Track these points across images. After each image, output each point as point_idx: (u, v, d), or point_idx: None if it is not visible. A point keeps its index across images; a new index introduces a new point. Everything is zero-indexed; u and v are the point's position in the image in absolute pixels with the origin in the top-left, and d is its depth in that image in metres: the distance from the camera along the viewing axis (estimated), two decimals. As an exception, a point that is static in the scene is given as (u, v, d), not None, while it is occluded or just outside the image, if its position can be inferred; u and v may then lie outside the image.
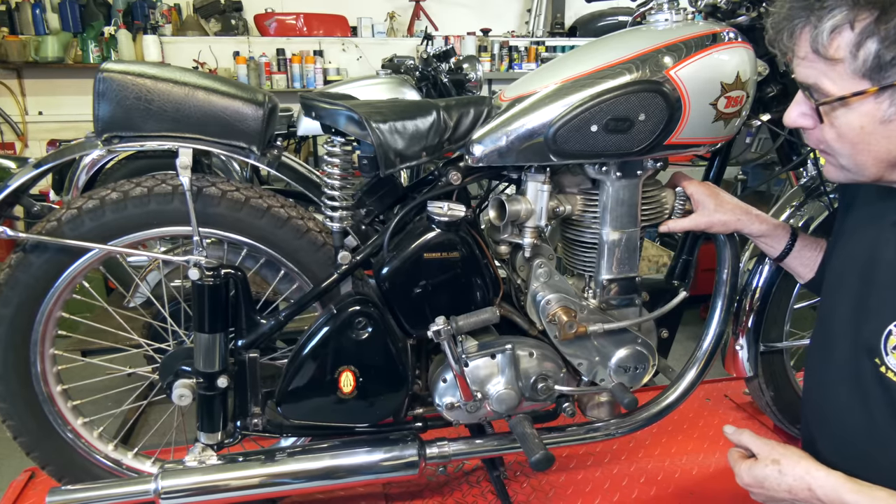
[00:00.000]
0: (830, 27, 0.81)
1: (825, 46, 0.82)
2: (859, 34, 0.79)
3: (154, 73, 1.17)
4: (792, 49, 0.88)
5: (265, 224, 1.24)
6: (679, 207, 1.34)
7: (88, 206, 1.18)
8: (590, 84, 1.18)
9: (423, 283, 1.23)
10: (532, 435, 1.25)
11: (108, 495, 1.20)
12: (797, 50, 0.87)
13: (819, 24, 0.82)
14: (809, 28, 0.84)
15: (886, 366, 0.91)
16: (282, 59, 4.90)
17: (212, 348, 1.19)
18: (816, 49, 0.83)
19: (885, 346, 0.91)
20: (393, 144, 1.16)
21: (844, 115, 0.85)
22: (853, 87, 0.82)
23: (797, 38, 0.86)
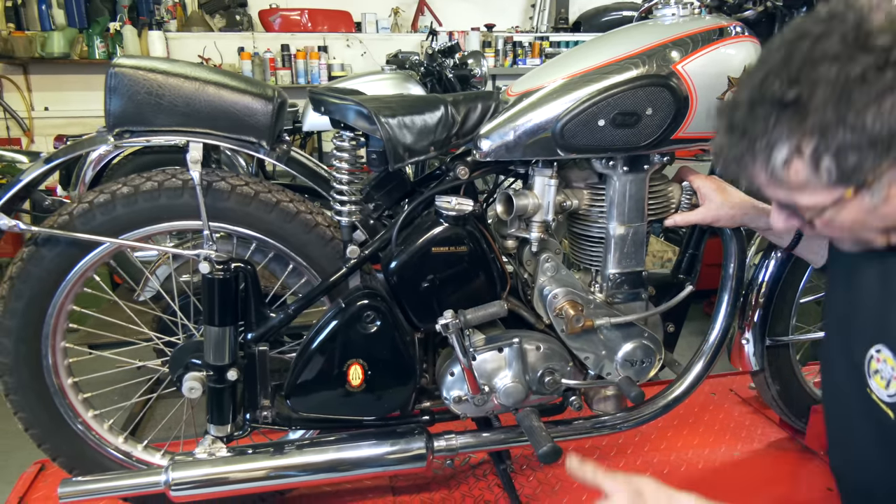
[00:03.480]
0: (781, 162, 0.76)
1: (784, 177, 0.77)
2: (811, 158, 0.74)
3: (165, 68, 1.18)
4: (752, 181, 0.83)
5: (274, 218, 1.25)
6: (685, 202, 1.35)
7: (100, 201, 1.19)
8: (597, 79, 1.18)
9: (430, 276, 1.24)
10: (539, 428, 1.26)
11: (120, 486, 1.21)
12: (757, 180, 0.82)
13: (768, 161, 0.77)
14: (760, 163, 0.78)
15: (870, 388, 0.91)
16: (286, 55, 4.90)
17: (222, 341, 1.20)
18: (777, 179, 0.79)
19: (868, 370, 0.91)
20: (401, 139, 1.17)
21: (832, 216, 0.81)
22: (829, 196, 0.77)
23: (752, 174, 0.81)
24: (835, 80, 0.70)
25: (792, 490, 1.59)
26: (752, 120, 0.76)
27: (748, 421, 1.85)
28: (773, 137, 0.75)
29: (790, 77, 0.72)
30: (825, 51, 0.71)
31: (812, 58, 0.72)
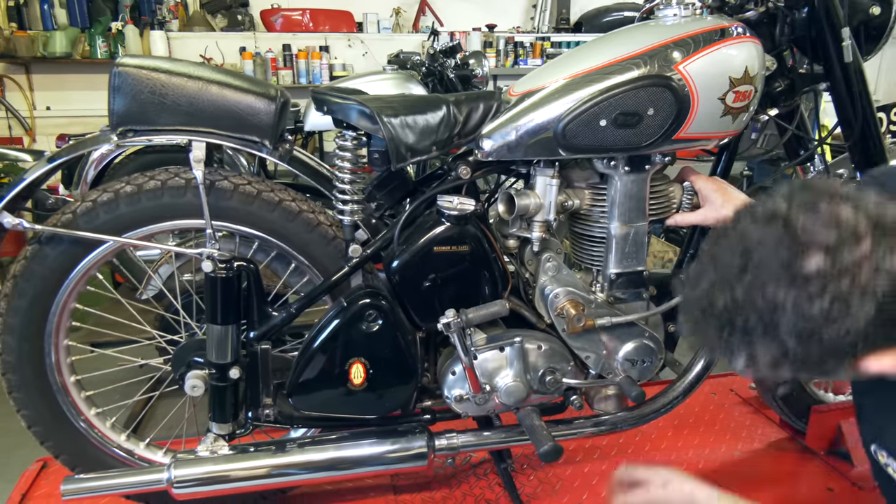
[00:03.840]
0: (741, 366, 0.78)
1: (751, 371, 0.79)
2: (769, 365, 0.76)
3: (168, 67, 1.18)
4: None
5: (277, 217, 1.25)
6: (687, 202, 1.35)
7: (103, 199, 1.19)
8: (599, 79, 1.19)
9: (432, 276, 1.24)
10: (540, 427, 1.26)
11: (122, 484, 1.22)
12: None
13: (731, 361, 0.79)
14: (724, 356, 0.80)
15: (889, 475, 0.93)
16: (288, 55, 4.89)
17: (224, 339, 1.20)
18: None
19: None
20: (404, 139, 1.17)
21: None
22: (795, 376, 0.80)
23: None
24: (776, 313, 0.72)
25: (792, 490, 1.59)
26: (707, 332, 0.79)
27: (748, 421, 1.86)
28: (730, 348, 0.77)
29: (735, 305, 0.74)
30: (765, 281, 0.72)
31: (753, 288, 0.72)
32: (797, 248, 0.70)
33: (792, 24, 1.31)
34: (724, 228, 0.80)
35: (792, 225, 0.71)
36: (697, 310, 0.80)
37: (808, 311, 0.70)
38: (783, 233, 0.71)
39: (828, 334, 0.71)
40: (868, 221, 0.70)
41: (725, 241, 0.77)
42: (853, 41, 1.25)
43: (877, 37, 1.35)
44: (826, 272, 0.69)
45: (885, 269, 0.69)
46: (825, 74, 1.34)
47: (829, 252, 0.69)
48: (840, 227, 0.70)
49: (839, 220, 0.70)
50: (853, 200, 0.72)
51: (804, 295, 0.70)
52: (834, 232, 0.70)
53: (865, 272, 0.69)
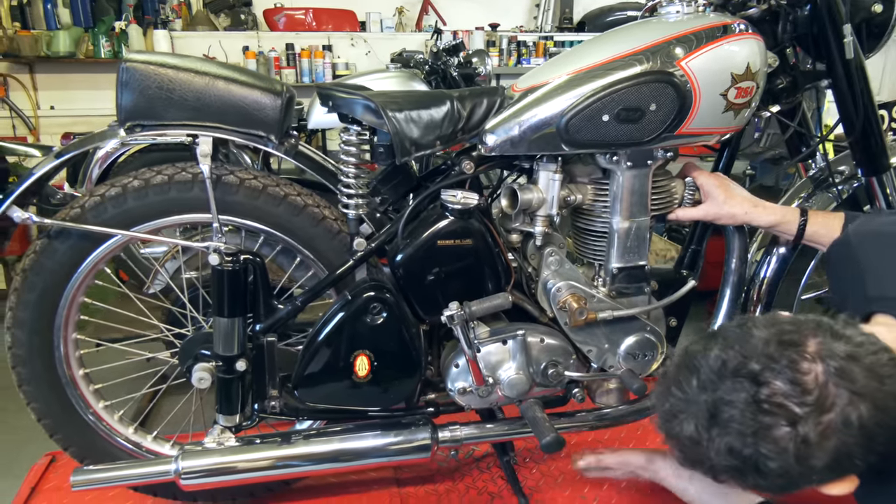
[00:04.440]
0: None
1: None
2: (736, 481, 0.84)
3: (175, 63, 1.20)
4: None
5: (282, 212, 1.27)
6: (689, 197, 1.36)
7: (111, 194, 1.21)
8: (602, 74, 1.20)
9: (436, 269, 1.26)
10: (543, 419, 1.27)
11: (131, 475, 1.23)
12: None
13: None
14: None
15: None
16: (291, 54, 4.91)
17: (231, 332, 1.22)
18: None
19: None
20: (408, 133, 1.18)
21: None
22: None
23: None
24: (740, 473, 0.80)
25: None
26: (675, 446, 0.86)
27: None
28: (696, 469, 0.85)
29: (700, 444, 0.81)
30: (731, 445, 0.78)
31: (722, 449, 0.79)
32: (764, 418, 0.76)
33: (794, 22, 1.33)
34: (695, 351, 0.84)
35: (760, 391, 0.76)
36: (665, 428, 0.86)
37: (768, 472, 0.77)
38: (751, 397, 0.76)
39: (786, 486, 0.80)
40: (836, 384, 0.75)
41: (695, 372, 0.82)
42: (854, 38, 1.26)
43: (878, 34, 1.36)
44: (790, 441, 0.75)
45: (842, 433, 0.75)
46: (827, 72, 1.35)
47: (793, 423, 0.75)
48: (806, 395, 0.75)
49: (806, 388, 0.75)
50: (825, 358, 0.76)
51: (767, 460, 0.76)
52: (800, 402, 0.75)
53: (828, 438, 0.75)
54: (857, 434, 0.75)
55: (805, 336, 0.79)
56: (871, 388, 0.76)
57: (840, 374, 0.76)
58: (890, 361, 0.79)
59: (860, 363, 0.77)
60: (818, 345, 0.78)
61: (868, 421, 0.75)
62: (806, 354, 0.77)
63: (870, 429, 0.75)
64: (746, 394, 0.77)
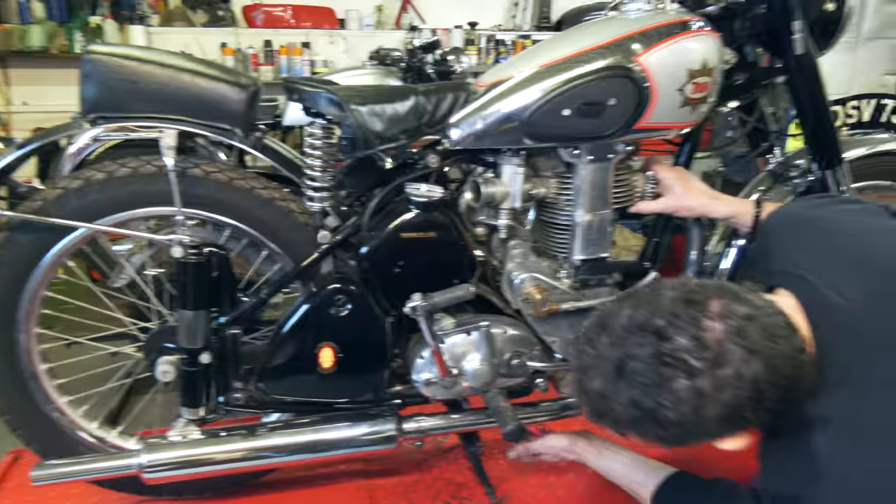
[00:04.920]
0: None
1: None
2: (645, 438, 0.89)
3: (139, 55, 1.20)
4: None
5: (248, 205, 1.27)
6: (649, 191, 1.39)
7: (74, 186, 1.21)
8: (563, 70, 1.22)
9: (400, 261, 1.27)
10: (506, 408, 1.29)
11: (93, 469, 1.23)
12: None
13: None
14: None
15: None
16: (269, 51, 4.89)
17: (195, 325, 1.22)
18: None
19: None
20: (371, 126, 1.20)
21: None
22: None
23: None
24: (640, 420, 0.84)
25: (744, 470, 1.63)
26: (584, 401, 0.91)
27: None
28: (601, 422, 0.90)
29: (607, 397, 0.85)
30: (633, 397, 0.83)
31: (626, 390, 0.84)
32: (665, 370, 0.81)
33: (751, 19, 1.36)
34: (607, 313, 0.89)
35: (663, 345, 0.81)
36: (576, 384, 0.91)
37: (666, 422, 0.82)
38: (654, 351, 0.81)
39: (682, 436, 0.85)
40: (733, 341, 0.80)
41: (605, 330, 0.87)
42: (805, 35, 1.30)
43: (832, 32, 1.40)
44: (686, 394, 0.80)
45: (735, 389, 0.80)
46: (782, 68, 1.39)
47: (691, 376, 0.80)
48: (705, 350, 0.80)
49: (705, 344, 0.80)
50: (725, 318, 0.81)
51: (666, 411, 0.81)
52: (699, 357, 0.80)
53: (719, 393, 0.80)
54: (749, 389, 0.80)
55: (708, 297, 0.84)
56: (764, 348, 0.81)
57: (737, 332, 0.80)
58: (784, 325, 0.85)
59: (756, 324, 0.82)
60: (720, 305, 0.82)
61: (760, 377, 0.80)
62: (708, 313, 0.82)
63: (761, 385, 0.80)
64: (650, 348, 0.82)
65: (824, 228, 1.03)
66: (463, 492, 1.53)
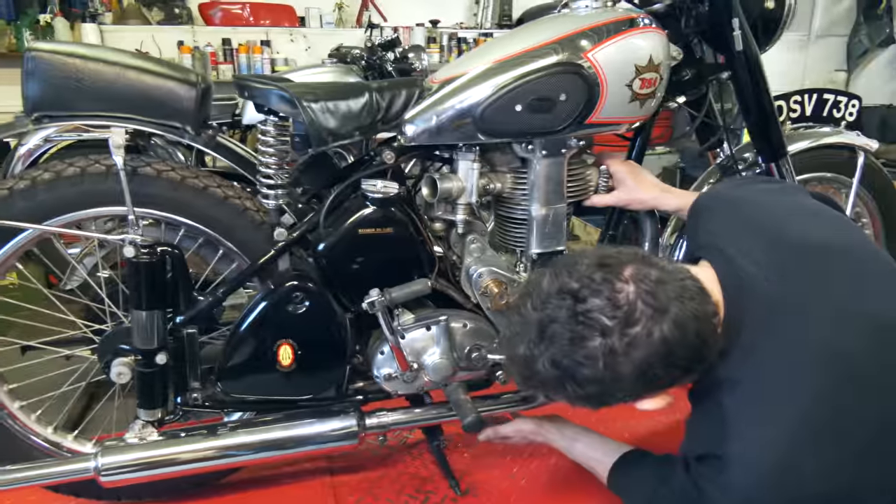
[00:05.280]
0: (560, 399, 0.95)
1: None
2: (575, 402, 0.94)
3: (84, 52, 1.18)
4: None
5: (202, 204, 1.26)
6: (603, 184, 1.42)
7: (20, 187, 1.18)
8: (514, 66, 1.24)
9: (358, 257, 1.28)
10: (465, 401, 1.31)
11: (48, 474, 1.21)
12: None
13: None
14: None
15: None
16: (228, 49, 4.81)
17: (149, 325, 1.20)
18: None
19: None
20: (325, 123, 1.20)
21: None
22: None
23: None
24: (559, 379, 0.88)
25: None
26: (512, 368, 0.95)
27: (672, 392, 1.95)
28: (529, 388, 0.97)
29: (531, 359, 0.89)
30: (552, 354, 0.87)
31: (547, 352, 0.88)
32: (579, 329, 0.85)
33: (696, 17, 1.40)
34: (534, 283, 0.93)
35: (578, 306, 0.86)
36: (504, 352, 0.96)
37: (584, 380, 0.86)
38: (570, 312, 0.86)
39: (601, 395, 0.89)
40: (644, 302, 0.85)
41: (531, 299, 0.91)
42: (745, 32, 1.34)
43: (773, 30, 1.45)
44: (600, 352, 0.85)
45: (646, 346, 0.84)
46: (727, 64, 1.44)
47: (604, 335, 0.85)
48: (616, 310, 0.85)
49: (617, 304, 0.85)
50: (636, 280, 0.87)
51: (583, 369, 0.86)
52: (611, 316, 0.85)
53: (631, 350, 0.84)
54: (659, 348, 0.84)
55: (623, 262, 0.89)
56: (673, 308, 0.85)
57: (648, 294, 0.85)
58: (696, 290, 0.89)
59: (667, 287, 0.87)
60: (632, 269, 0.88)
61: (669, 336, 0.84)
62: (621, 276, 0.87)
63: (671, 344, 0.84)
64: (567, 310, 0.86)
65: (743, 207, 1.10)
66: (427, 485, 1.54)
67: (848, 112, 1.80)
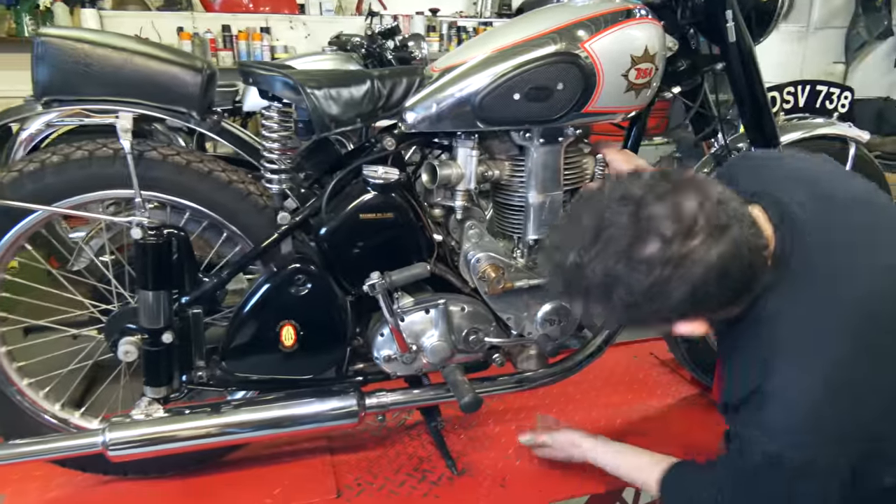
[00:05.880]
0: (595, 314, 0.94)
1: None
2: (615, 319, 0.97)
3: (93, 38, 1.20)
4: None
5: (206, 187, 1.29)
6: (599, 173, 1.46)
7: (29, 169, 1.21)
8: (512, 55, 1.27)
9: (359, 242, 1.31)
10: (462, 381, 1.35)
11: (56, 448, 1.25)
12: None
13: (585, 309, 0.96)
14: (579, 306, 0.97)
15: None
16: (227, 36, 4.82)
17: (156, 305, 1.24)
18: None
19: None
20: (327, 110, 1.23)
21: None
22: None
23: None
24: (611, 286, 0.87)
25: (696, 437, 1.73)
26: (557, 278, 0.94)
27: (664, 380, 2.00)
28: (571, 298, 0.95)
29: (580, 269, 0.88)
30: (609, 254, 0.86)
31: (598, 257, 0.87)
32: (639, 234, 0.84)
33: (691, 8, 1.43)
34: (589, 194, 0.93)
35: (640, 212, 0.85)
36: (551, 262, 0.94)
37: (636, 288, 0.85)
38: (632, 217, 0.85)
39: (648, 307, 0.87)
40: (704, 217, 0.85)
41: (587, 207, 0.90)
42: (738, 23, 1.37)
43: (767, 21, 1.48)
44: (658, 259, 0.84)
45: (703, 262, 0.84)
46: (721, 55, 1.47)
47: (664, 242, 0.83)
48: (679, 221, 0.84)
49: (679, 215, 0.84)
50: (700, 196, 0.86)
51: (636, 274, 0.84)
52: (673, 225, 0.84)
53: (688, 263, 0.84)
54: (714, 265, 0.84)
55: (686, 178, 0.90)
56: (733, 229, 0.86)
57: (710, 211, 0.85)
58: (751, 219, 0.91)
59: (727, 208, 0.87)
60: (696, 185, 0.88)
61: (726, 255, 0.84)
62: (685, 190, 0.87)
63: (726, 264, 0.85)
64: (629, 215, 0.86)
65: (782, 160, 1.15)
66: (425, 465, 1.58)
67: (840, 104, 1.83)
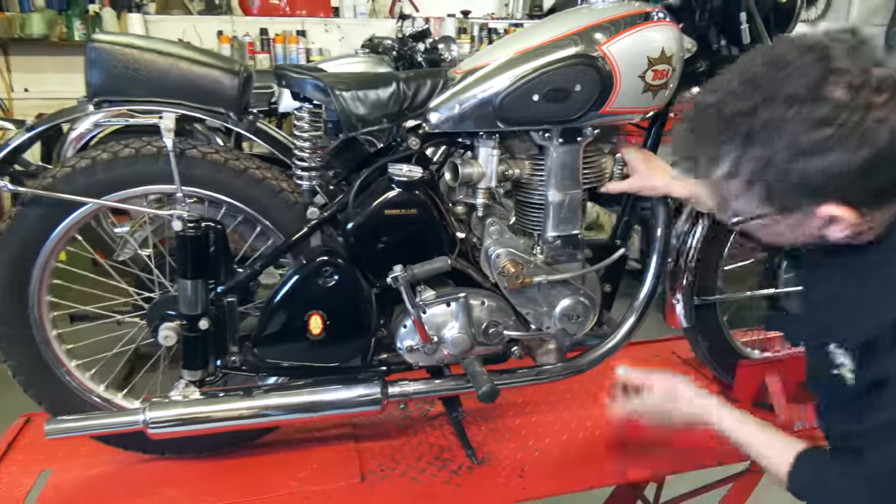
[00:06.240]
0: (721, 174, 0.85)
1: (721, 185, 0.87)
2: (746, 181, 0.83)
3: (141, 44, 1.30)
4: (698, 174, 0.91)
5: (242, 184, 1.37)
6: (617, 172, 1.49)
7: (81, 165, 1.30)
8: (532, 57, 1.32)
9: (383, 236, 1.38)
10: (481, 372, 1.40)
11: (102, 424, 1.34)
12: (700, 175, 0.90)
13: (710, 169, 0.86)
14: (704, 167, 0.87)
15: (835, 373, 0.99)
16: (265, 39, 4.97)
17: (194, 293, 1.32)
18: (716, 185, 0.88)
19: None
20: (355, 110, 1.30)
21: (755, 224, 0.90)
22: (755, 210, 0.87)
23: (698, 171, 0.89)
24: (785, 123, 0.78)
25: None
26: (707, 129, 0.85)
27: (686, 376, 2.01)
28: (720, 152, 0.83)
29: (749, 106, 0.80)
30: (786, 92, 0.78)
31: (773, 95, 0.79)
32: (826, 74, 0.76)
33: (710, 10, 1.46)
34: (762, 47, 0.87)
35: (829, 55, 0.77)
36: (706, 110, 0.84)
37: (808, 135, 0.76)
38: (818, 58, 0.77)
39: (813, 163, 0.77)
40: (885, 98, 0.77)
41: (760, 55, 0.83)
42: (755, 24, 1.39)
43: (786, 22, 1.49)
44: (841, 104, 0.75)
45: (888, 129, 0.76)
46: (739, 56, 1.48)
47: (851, 88, 0.76)
48: (869, 73, 0.77)
49: (869, 68, 0.77)
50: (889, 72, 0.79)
51: (813, 118, 0.76)
52: (863, 75, 0.77)
53: (870, 120, 0.76)
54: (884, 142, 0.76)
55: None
56: None
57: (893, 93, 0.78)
58: None
59: None
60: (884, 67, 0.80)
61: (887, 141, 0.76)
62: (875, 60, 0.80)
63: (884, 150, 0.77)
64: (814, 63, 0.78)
65: None
66: (445, 453, 1.64)
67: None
